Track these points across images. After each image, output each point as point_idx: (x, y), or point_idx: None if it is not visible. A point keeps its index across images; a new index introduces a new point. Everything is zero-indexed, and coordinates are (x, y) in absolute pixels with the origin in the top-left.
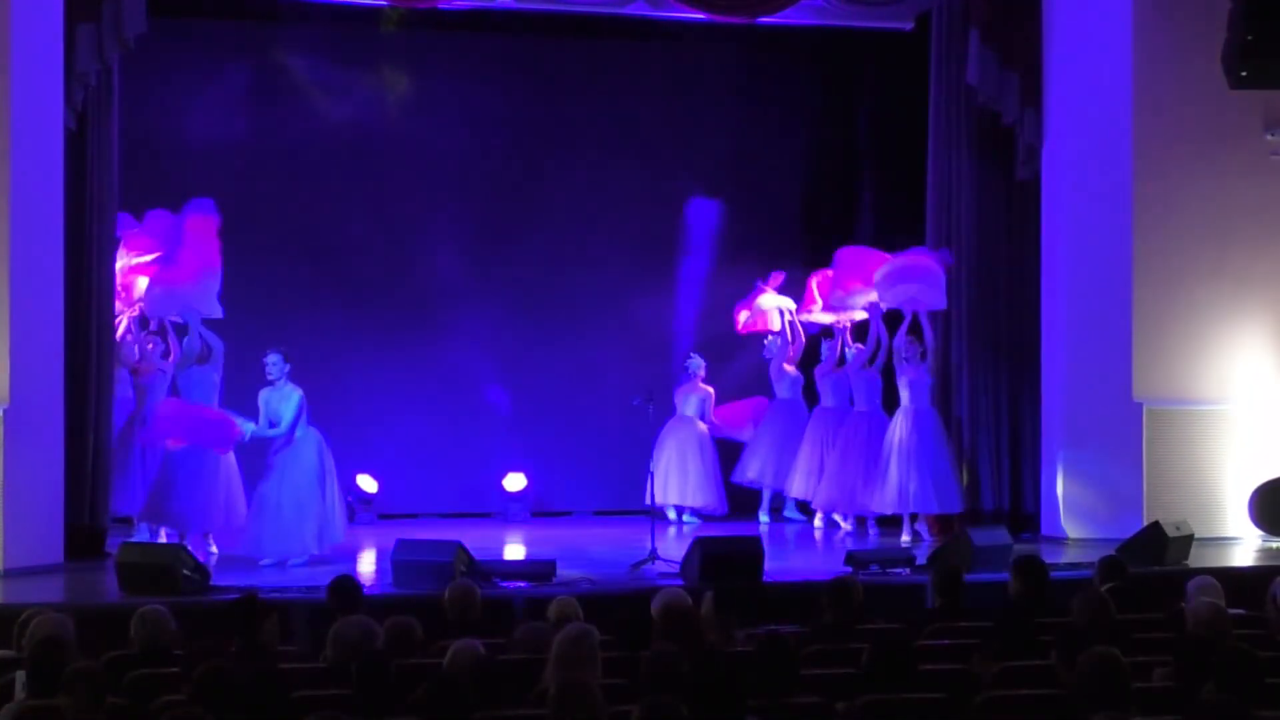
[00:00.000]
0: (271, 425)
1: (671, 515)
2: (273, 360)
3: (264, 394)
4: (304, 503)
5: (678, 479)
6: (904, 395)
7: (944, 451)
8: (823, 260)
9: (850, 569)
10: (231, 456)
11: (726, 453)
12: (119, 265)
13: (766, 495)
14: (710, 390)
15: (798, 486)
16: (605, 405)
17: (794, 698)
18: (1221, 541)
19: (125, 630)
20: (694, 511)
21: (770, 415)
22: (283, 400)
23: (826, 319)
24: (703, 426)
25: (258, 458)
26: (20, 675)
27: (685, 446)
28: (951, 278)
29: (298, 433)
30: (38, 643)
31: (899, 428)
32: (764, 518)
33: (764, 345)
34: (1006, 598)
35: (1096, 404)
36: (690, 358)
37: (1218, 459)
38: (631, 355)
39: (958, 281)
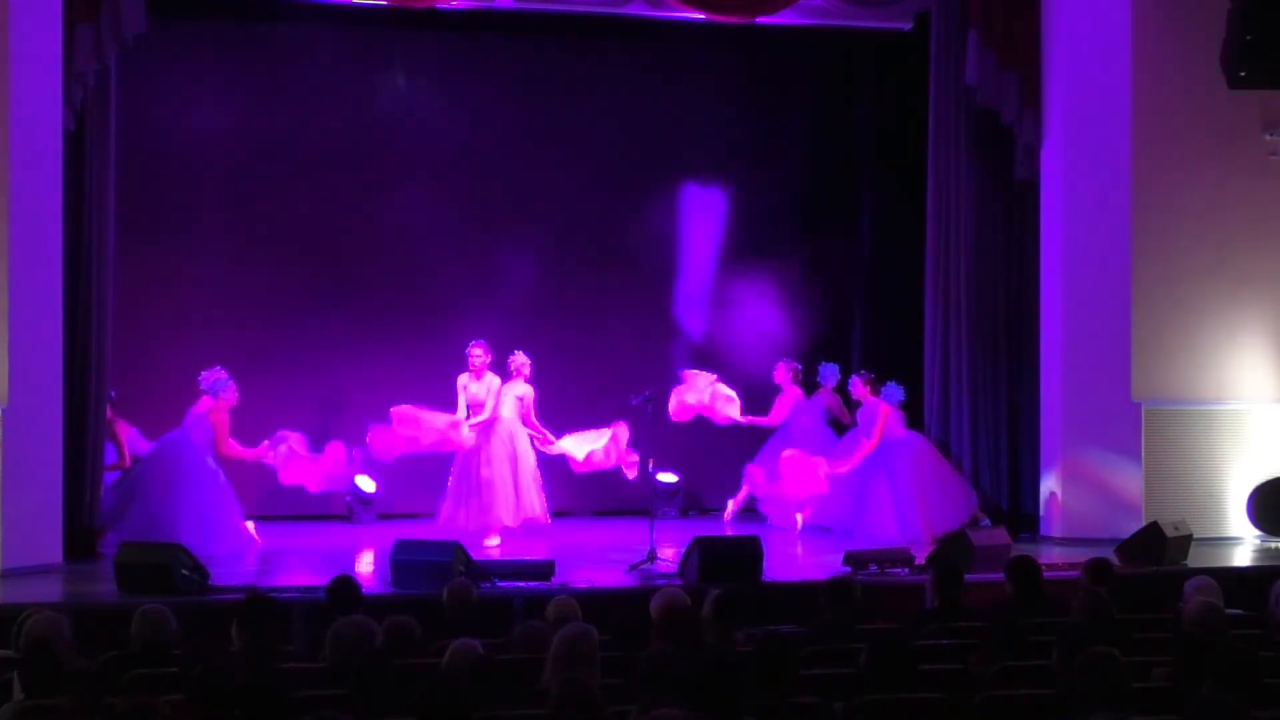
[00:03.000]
0: (470, 411)
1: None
2: (478, 352)
3: (463, 379)
4: (497, 481)
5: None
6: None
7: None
8: (821, 259)
9: (849, 569)
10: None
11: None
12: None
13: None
14: (531, 390)
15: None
16: (604, 405)
17: (793, 698)
18: (1220, 541)
19: (125, 630)
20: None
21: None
22: (485, 388)
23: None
24: (522, 430)
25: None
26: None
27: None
28: (948, 276)
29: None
30: (29, 644)
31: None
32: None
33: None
34: (1001, 599)
35: (1095, 404)
36: (514, 354)
37: (1216, 459)
38: (630, 355)
39: (956, 281)
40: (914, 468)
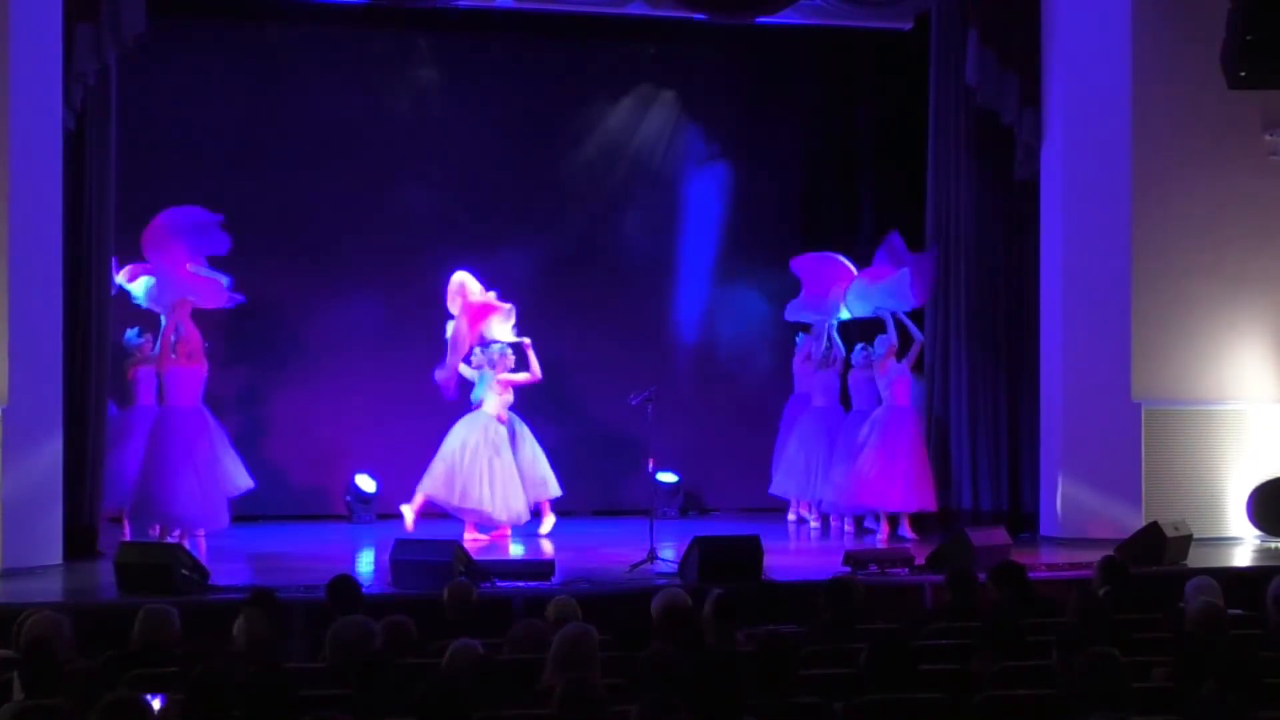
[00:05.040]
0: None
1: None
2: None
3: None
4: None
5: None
6: (884, 393)
7: (920, 449)
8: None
9: (849, 569)
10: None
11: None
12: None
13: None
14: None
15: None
16: (605, 405)
17: (793, 698)
18: (1220, 541)
19: (125, 630)
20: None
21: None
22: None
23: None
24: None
25: None
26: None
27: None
28: (948, 275)
29: None
30: (28, 643)
31: (878, 424)
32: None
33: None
34: (991, 604)
35: (1095, 404)
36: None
37: (1216, 459)
38: (631, 354)
39: (956, 281)
40: (910, 437)
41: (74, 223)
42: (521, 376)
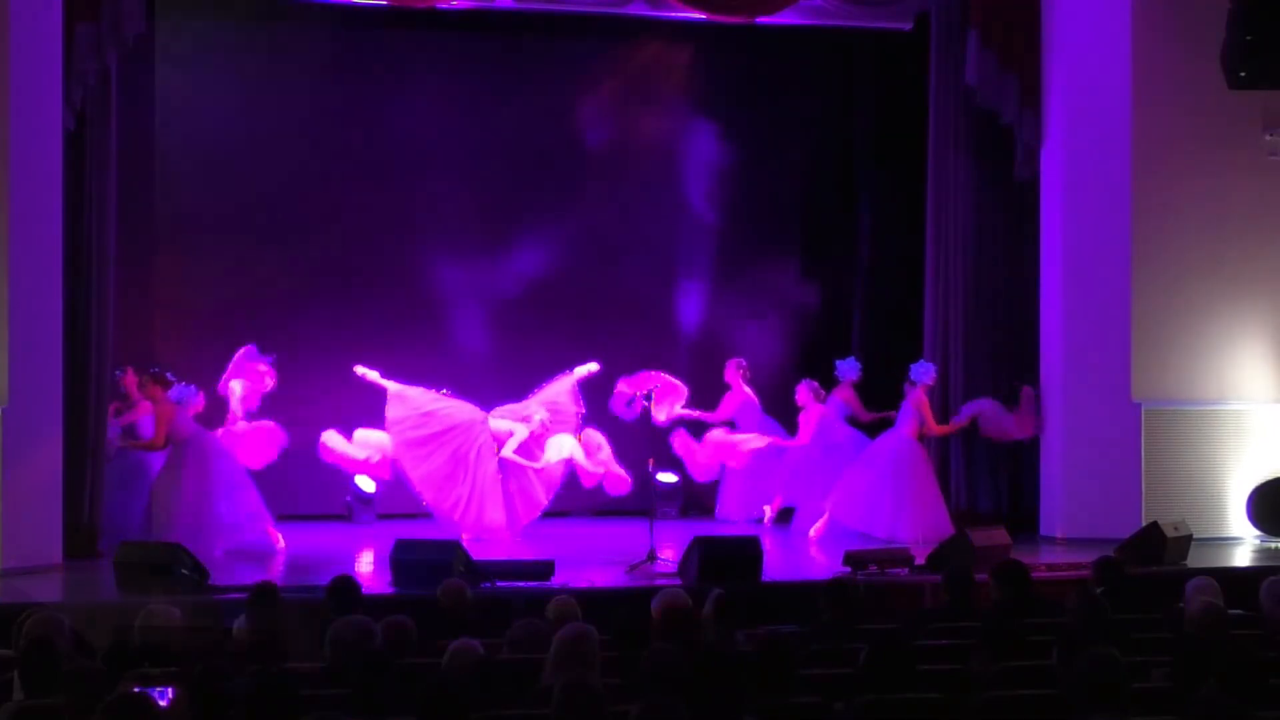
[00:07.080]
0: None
1: None
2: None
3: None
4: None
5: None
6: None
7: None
8: (820, 259)
9: (849, 569)
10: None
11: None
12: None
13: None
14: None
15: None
16: (604, 405)
17: (793, 698)
18: (1220, 542)
19: (125, 630)
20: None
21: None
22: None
23: None
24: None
25: None
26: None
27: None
28: (948, 276)
29: None
30: (28, 643)
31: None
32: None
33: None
34: (991, 604)
35: (1095, 404)
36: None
37: (1216, 459)
38: (630, 356)
39: (956, 281)
40: (925, 468)
41: (74, 223)
42: (510, 445)
